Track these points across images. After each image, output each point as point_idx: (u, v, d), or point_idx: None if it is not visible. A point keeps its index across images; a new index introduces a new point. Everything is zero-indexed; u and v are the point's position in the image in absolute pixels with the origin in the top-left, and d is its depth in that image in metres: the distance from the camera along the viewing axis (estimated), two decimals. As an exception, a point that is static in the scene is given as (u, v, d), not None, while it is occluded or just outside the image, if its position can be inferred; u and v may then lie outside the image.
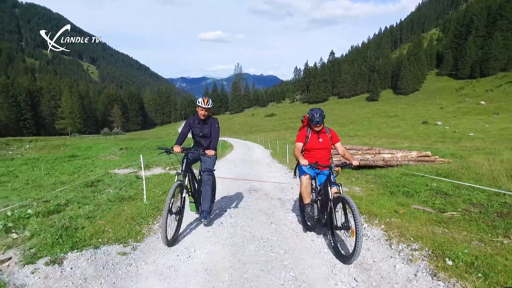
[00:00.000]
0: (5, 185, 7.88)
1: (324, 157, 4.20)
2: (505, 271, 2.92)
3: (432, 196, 5.74)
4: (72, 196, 5.67)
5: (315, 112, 4.06)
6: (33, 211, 4.65)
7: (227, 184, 7.95)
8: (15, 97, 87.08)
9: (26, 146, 33.17)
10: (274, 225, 4.80)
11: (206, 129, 4.67)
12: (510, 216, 4.43)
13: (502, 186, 5.18)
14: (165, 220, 3.71)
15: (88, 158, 14.84)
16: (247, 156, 16.16)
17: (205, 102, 4.50)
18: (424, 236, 3.88)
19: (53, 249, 3.52)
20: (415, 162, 9.18)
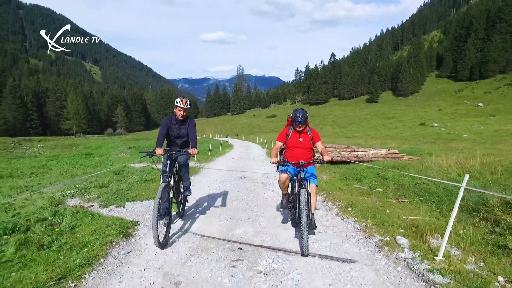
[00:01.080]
0: (45, 174, 9.35)
1: (302, 155, 4.33)
2: (382, 214, 4.91)
3: (374, 180, 7.71)
4: (108, 179, 7.30)
5: (298, 112, 4.23)
6: (91, 185, 6.75)
7: (224, 174, 9.82)
8: (22, 98, 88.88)
9: (37, 145, 34.59)
10: (253, 195, 6.94)
11: (184, 130, 4.75)
12: (409, 189, 6.35)
13: (431, 175, 6.66)
14: (155, 223, 3.62)
15: (103, 156, 16.33)
16: (245, 155, 17.64)
17: (184, 103, 4.59)
18: (347, 199, 5.94)
19: (116, 201, 5.75)
20: (384, 159, 10.62)
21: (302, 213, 3.71)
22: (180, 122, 4.70)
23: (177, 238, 4.15)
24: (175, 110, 4.66)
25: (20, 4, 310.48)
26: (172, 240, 4.07)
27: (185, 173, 4.86)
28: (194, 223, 4.82)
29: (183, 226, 4.66)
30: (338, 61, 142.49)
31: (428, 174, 6.81)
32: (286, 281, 3.07)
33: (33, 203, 5.00)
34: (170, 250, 3.76)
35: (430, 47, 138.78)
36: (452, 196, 5.10)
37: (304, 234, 3.63)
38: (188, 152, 4.43)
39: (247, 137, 51.87)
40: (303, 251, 3.63)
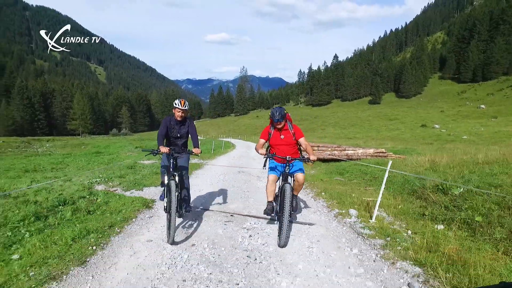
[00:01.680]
0: (64, 169, 10.46)
1: (287, 152, 4.41)
2: (347, 197, 6.08)
3: (355, 174, 8.81)
4: (124, 172, 8.40)
5: (275, 111, 4.30)
6: (111, 176, 7.99)
7: (225, 169, 11.05)
8: (29, 98, 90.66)
9: (46, 145, 35.86)
10: (247, 184, 8.15)
11: (184, 130, 4.82)
12: (379, 180, 7.45)
13: (404, 169, 7.63)
14: (174, 221, 3.84)
15: (112, 154, 17.45)
16: (245, 154, 18.72)
17: (182, 104, 4.63)
18: (323, 187, 7.24)
19: (135, 187, 7.12)
20: (372, 157, 11.61)
21: (285, 207, 3.80)
22: (180, 123, 4.77)
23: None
24: (173, 111, 4.73)
25: (27, 5, 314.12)
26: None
27: (186, 181, 4.81)
28: (198, 201, 6.08)
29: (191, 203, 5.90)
30: (341, 63, 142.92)
31: (402, 169, 7.75)
32: (261, 232, 4.44)
33: (68, 187, 6.10)
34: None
35: (433, 48, 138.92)
36: (406, 184, 6.26)
37: (284, 226, 3.76)
38: (191, 151, 4.53)
39: (249, 138, 52.79)
40: (280, 242, 3.80)
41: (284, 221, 3.76)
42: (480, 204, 4.23)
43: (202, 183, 7.94)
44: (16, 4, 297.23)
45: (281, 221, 3.83)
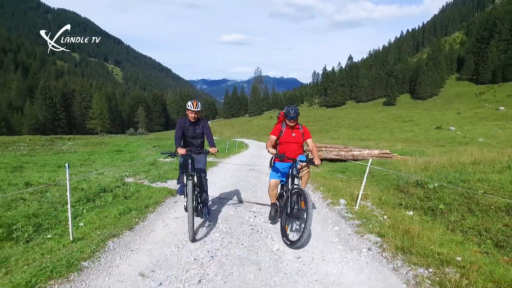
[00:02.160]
0: (92, 165, 11.61)
1: (295, 150, 4.60)
2: (342, 190, 6.89)
3: (355, 173, 9.57)
4: (147, 168, 9.45)
5: (290, 109, 4.44)
6: (138, 170, 9.18)
7: (237, 167, 12.10)
8: (51, 98, 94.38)
9: (68, 143, 37.64)
10: (256, 179, 9.18)
11: (199, 130, 4.95)
12: (375, 177, 8.34)
13: (401, 170, 8.32)
14: (192, 220, 4.01)
15: (132, 152, 18.68)
16: (258, 153, 19.64)
17: (194, 106, 4.77)
18: (323, 182, 8.19)
19: (159, 179, 8.20)
20: (377, 158, 12.26)
21: (308, 211, 3.82)
22: (194, 124, 4.91)
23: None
24: (187, 113, 4.87)
25: (49, 8, 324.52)
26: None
27: (205, 183, 4.93)
28: (214, 191, 7.09)
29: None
30: (355, 64, 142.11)
31: (399, 169, 8.51)
32: (264, 214, 5.48)
33: (103, 179, 7.18)
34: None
35: (451, 49, 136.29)
36: (394, 181, 7.10)
37: (307, 229, 3.76)
38: (208, 151, 4.66)
39: (262, 138, 53.54)
40: (301, 243, 3.85)
41: (307, 224, 3.75)
42: (446, 196, 5.15)
43: (216, 178, 8.92)
44: (39, 7, 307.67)
45: (305, 224, 3.80)
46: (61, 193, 5.78)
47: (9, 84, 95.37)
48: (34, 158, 14.19)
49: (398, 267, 3.40)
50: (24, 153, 18.00)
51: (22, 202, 5.22)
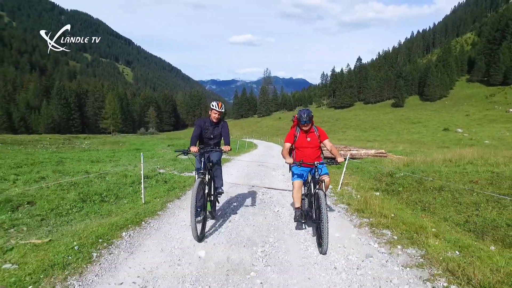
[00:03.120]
0: (119, 161, 13.01)
1: (312, 155, 4.50)
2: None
3: (348, 167, 10.84)
4: (171, 163, 10.81)
5: (303, 112, 4.37)
6: (166, 164, 10.89)
7: (248, 163, 13.70)
8: (66, 99, 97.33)
9: (85, 142, 39.42)
10: (265, 172, 10.99)
11: (217, 131, 4.96)
12: (365, 171, 9.30)
13: (387, 166, 9.70)
14: (194, 219, 3.94)
15: (150, 151, 20.17)
16: (266, 152, 21.07)
17: (219, 106, 4.79)
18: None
19: (187, 170, 10.09)
20: (373, 156, 13.41)
21: (323, 214, 3.77)
22: (214, 124, 4.91)
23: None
24: (210, 113, 4.87)
25: (62, 10, 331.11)
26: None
27: (218, 171, 4.99)
28: (232, 180, 8.72)
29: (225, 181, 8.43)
30: (364, 65, 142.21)
31: (385, 165, 9.87)
32: (270, 193, 7.34)
33: (139, 171, 8.49)
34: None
35: (461, 50, 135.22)
36: (373, 173, 8.82)
37: (325, 233, 3.72)
38: (221, 149, 4.69)
39: (271, 139, 54.70)
40: (322, 249, 3.78)
41: (324, 228, 3.72)
42: (406, 182, 6.95)
43: (232, 171, 10.64)
44: (53, 9, 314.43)
45: (321, 228, 3.77)
46: (114, 178, 7.55)
47: (26, 85, 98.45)
48: (66, 154, 15.76)
49: (353, 219, 5.24)
50: (54, 151, 19.65)
51: (94, 183, 7.04)
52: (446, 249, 3.71)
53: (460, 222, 5.00)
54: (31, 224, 4.60)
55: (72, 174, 8.13)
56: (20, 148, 20.92)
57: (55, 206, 5.37)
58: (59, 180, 6.89)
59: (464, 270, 3.10)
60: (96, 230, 4.15)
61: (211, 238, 4.30)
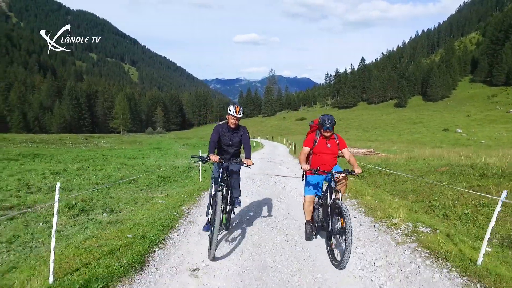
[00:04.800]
0: (150, 157, 15.34)
1: (330, 162, 4.37)
2: None
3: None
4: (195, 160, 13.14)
5: (326, 118, 4.24)
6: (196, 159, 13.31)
7: (257, 160, 15.96)
8: (77, 99, 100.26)
9: (102, 141, 41.89)
10: (273, 166, 13.48)
11: (236, 138, 4.70)
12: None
13: (370, 162, 11.77)
14: (216, 235, 3.75)
15: (169, 149, 22.53)
16: (272, 151, 23.69)
17: (237, 111, 4.49)
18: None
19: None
20: (363, 155, 15.58)
21: (348, 229, 3.54)
22: (232, 130, 4.66)
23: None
24: (227, 118, 4.60)
25: (69, 10, 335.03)
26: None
27: (236, 183, 4.81)
28: (249, 171, 10.84)
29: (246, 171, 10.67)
30: (367, 65, 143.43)
31: (367, 161, 12.04)
32: (281, 179, 10.02)
33: (178, 164, 10.85)
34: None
35: (464, 50, 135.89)
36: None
37: (348, 248, 3.49)
38: (243, 163, 4.40)
39: (276, 139, 56.22)
40: (343, 264, 3.58)
41: (348, 243, 3.49)
42: (372, 171, 9.54)
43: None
44: (60, 9, 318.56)
45: (345, 243, 3.53)
46: (168, 168, 9.98)
47: (39, 85, 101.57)
48: (102, 152, 18.13)
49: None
50: (87, 149, 22.10)
51: (160, 171, 9.63)
52: (372, 199, 6.75)
53: (389, 190, 8.16)
54: (146, 189, 8.00)
55: (134, 166, 10.41)
56: (53, 146, 23.38)
57: (149, 183, 8.42)
58: (133, 169, 9.33)
59: (375, 206, 6.13)
60: (189, 191, 7.69)
61: (252, 190, 7.92)
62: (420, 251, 3.99)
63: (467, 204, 5.83)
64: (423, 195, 7.09)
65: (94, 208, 6.26)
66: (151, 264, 3.61)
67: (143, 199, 7.17)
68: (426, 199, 6.78)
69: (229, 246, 4.33)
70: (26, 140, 28.20)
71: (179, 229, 4.93)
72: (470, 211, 5.52)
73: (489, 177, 6.91)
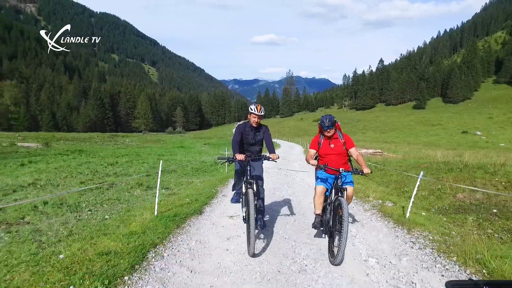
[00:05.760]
0: (177, 155, 17.11)
1: (337, 162, 4.26)
2: None
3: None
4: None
5: (324, 118, 4.22)
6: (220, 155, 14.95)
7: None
8: (101, 99, 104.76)
9: (127, 140, 44.44)
10: (287, 163, 15.10)
11: (259, 136, 4.79)
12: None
13: (375, 162, 12.97)
14: (253, 233, 3.80)
15: (192, 148, 24.37)
16: (288, 151, 25.31)
17: (258, 110, 4.56)
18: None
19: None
20: (371, 155, 16.71)
21: (344, 223, 3.58)
22: (255, 129, 4.73)
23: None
24: (249, 117, 4.70)
25: (92, 13, 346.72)
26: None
27: (261, 187, 4.81)
28: (266, 166, 12.39)
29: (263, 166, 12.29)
30: (386, 67, 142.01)
31: (374, 160, 13.22)
32: (291, 172, 11.73)
33: (204, 159, 12.52)
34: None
35: (488, 50, 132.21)
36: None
37: (342, 243, 3.55)
38: (268, 157, 4.46)
39: (293, 139, 57.03)
40: (337, 260, 3.65)
41: (343, 239, 3.54)
42: (375, 170, 10.66)
43: (266, 162, 14.85)
44: (84, 12, 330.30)
45: (340, 238, 3.60)
46: (197, 163, 11.89)
47: (66, 87, 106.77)
48: (133, 150, 20.13)
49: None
50: (118, 147, 24.28)
51: (191, 165, 11.44)
52: (361, 187, 8.32)
53: (377, 181, 9.72)
54: (186, 177, 10.19)
55: (169, 161, 12.17)
56: (86, 144, 25.70)
57: (186, 173, 10.40)
58: (169, 163, 11.07)
59: (359, 190, 7.71)
60: (218, 178, 9.77)
61: (267, 180, 8.90)
62: (377, 213, 6.03)
63: (427, 189, 7.61)
64: (401, 183, 8.69)
65: (153, 187, 8.46)
66: (205, 213, 5.98)
67: (186, 183, 9.25)
68: (402, 186, 8.38)
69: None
70: (60, 138, 30.82)
71: (217, 198, 7.33)
72: (427, 192, 7.34)
73: (454, 171, 8.54)
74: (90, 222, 5.22)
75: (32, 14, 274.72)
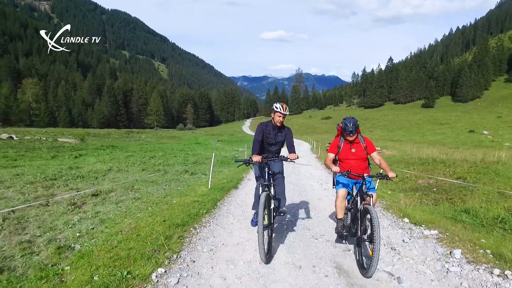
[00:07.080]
0: (196, 150, 19.01)
1: (358, 167, 4.13)
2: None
3: None
4: (236, 152, 16.61)
5: (348, 121, 4.06)
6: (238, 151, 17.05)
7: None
8: (115, 96, 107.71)
9: (142, 136, 46.40)
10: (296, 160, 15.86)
11: (280, 137, 4.65)
12: None
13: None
14: (261, 236, 3.63)
15: (208, 144, 26.27)
16: (296, 148, 26.45)
17: (284, 109, 4.44)
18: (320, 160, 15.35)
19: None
20: None
21: (375, 235, 3.33)
22: (277, 129, 4.61)
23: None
24: (273, 116, 4.54)
25: (103, 10, 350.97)
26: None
27: (281, 188, 4.65)
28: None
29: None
30: (395, 65, 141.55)
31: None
32: (301, 167, 13.53)
33: (225, 154, 14.36)
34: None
35: (501, 48, 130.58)
36: None
37: (375, 256, 3.28)
38: (286, 157, 4.33)
39: (301, 137, 57.76)
40: (369, 272, 3.38)
41: (376, 249, 3.28)
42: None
43: None
44: (96, 9, 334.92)
45: (373, 250, 3.31)
46: (220, 157, 14.02)
47: (80, 84, 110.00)
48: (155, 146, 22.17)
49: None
50: (140, 143, 26.39)
51: (207, 160, 13.03)
52: None
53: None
54: (214, 167, 11.77)
55: (196, 155, 14.06)
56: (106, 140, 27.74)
57: (214, 164, 11.89)
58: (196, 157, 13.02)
59: None
60: (241, 168, 11.55)
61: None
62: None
63: (399, 177, 9.52)
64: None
65: (195, 173, 11.14)
66: (240, 187, 8.90)
67: (216, 171, 11.17)
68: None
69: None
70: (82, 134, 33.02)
71: (244, 180, 10.13)
72: (398, 179, 9.23)
73: (424, 165, 10.53)
74: (172, 190, 7.89)
75: (46, 12, 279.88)
